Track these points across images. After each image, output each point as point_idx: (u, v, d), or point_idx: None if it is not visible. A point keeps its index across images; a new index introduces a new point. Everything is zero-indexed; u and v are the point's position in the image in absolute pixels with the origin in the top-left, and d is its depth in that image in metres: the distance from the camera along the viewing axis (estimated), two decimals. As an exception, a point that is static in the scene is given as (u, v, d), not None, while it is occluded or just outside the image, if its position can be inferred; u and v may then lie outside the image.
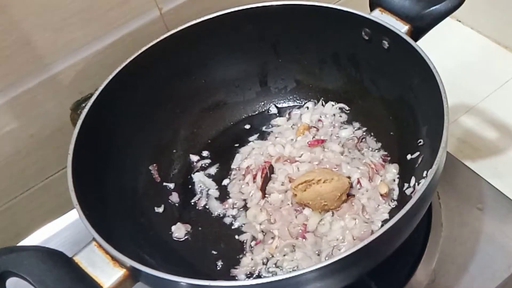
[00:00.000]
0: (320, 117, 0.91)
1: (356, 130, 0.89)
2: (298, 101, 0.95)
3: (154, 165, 0.87)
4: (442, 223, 0.80)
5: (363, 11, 0.80)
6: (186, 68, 0.88)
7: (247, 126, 0.94)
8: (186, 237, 0.81)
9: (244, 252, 0.78)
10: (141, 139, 0.85)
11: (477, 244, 0.78)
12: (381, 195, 0.79)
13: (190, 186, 0.88)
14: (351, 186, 0.80)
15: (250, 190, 0.84)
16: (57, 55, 0.82)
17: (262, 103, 0.95)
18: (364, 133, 0.88)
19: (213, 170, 0.89)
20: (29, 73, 0.81)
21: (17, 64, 0.79)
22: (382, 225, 0.76)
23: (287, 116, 0.93)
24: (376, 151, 0.86)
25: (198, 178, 0.88)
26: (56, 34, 0.80)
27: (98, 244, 0.63)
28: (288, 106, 0.95)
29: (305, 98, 0.94)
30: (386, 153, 0.85)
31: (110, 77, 0.79)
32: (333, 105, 0.92)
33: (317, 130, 0.89)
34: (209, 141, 0.93)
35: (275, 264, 0.76)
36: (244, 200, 0.84)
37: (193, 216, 0.84)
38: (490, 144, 0.97)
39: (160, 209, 0.84)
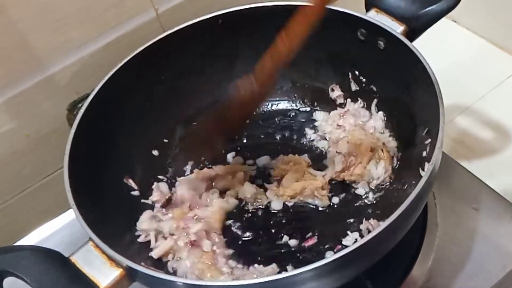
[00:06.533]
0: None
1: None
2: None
3: (150, 165, 0.87)
4: (438, 223, 0.80)
5: (359, 11, 0.80)
6: (182, 68, 0.88)
7: (243, 126, 0.93)
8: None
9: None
10: (137, 139, 0.85)
11: (472, 244, 0.78)
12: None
13: (186, 186, 0.87)
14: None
15: None
16: (53, 55, 0.82)
17: (259, 103, 0.95)
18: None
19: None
20: (26, 74, 0.81)
21: (13, 65, 0.79)
22: (377, 225, 0.76)
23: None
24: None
25: (195, 177, 0.88)
26: (53, 35, 0.80)
27: (94, 244, 0.63)
28: (284, 106, 0.95)
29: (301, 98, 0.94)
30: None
31: (107, 77, 0.79)
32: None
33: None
34: (206, 141, 0.93)
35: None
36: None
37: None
38: (486, 144, 0.97)
39: (156, 209, 0.84)
